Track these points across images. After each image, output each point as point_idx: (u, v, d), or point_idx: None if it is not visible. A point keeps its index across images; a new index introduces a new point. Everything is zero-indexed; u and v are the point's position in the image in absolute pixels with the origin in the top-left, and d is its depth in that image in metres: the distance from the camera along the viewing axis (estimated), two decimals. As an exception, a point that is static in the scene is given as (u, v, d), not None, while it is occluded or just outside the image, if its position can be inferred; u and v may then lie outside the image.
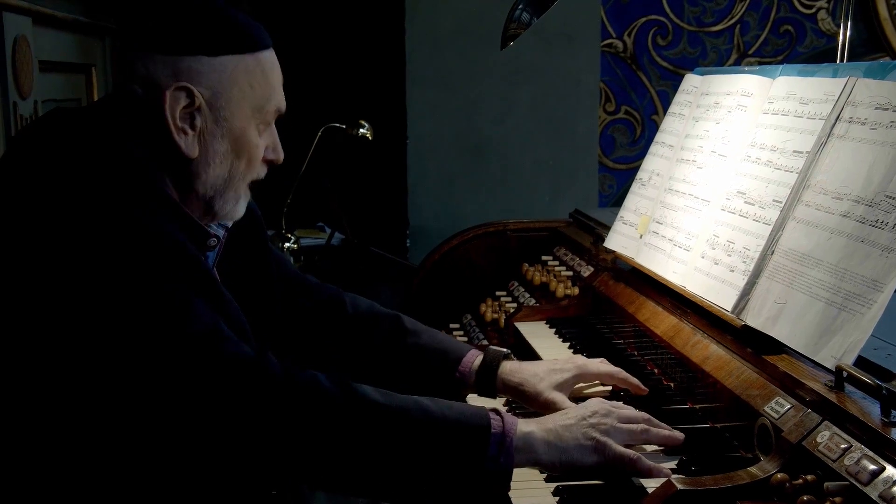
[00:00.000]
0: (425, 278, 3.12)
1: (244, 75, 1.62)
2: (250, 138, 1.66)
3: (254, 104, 1.64)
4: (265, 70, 1.66)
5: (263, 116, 1.67)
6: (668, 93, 4.74)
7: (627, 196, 2.49)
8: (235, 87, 1.61)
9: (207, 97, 1.59)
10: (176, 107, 1.57)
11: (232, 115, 1.62)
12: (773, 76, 2.00)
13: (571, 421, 1.64)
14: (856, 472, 1.31)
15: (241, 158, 1.66)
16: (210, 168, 1.63)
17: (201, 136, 1.61)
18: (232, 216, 1.72)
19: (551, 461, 1.61)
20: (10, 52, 2.42)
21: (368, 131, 3.69)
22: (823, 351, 1.54)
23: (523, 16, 2.61)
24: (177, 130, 1.58)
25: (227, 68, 1.60)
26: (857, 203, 1.59)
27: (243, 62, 1.62)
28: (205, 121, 1.60)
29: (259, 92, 1.65)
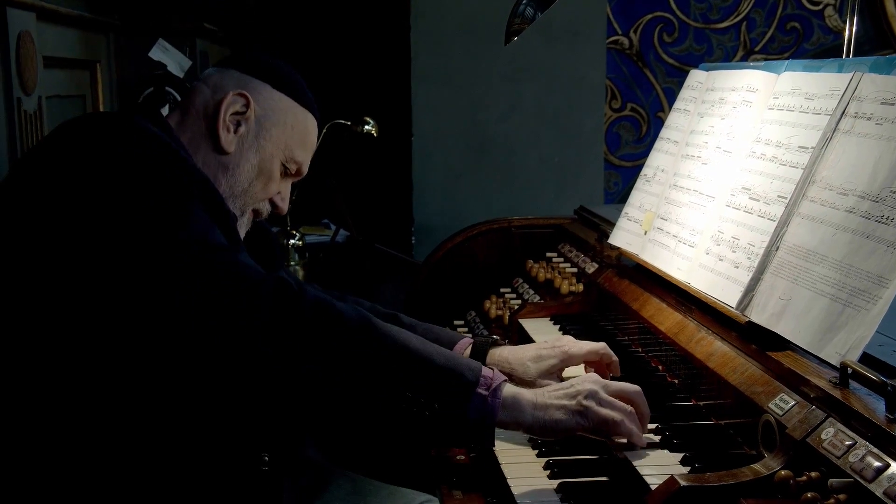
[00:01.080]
0: (430, 275, 3.12)
1: (291, 117, 1.90)
2: (273, 169, 1.89)
3: (288, 144, 1.90)
4: (307, 127, 1.94)
5: (289, 160, 1.91)
6: (674, 90, 4.72)
7: (632, 192, 2.48)
8: (282, 120, 1.88)
9: (258, 114, 1.86)
10: (231, 107, 1.84)
11: (269, 139, 1.87)
12: (778, 72, 1.99)
13: (562, 388, 1.71)
14: (860, 469, 1.30)
15: (259, 180, 1.88)
16: (237, 170, 1.85)
17: (241, 140, 1.85)
18: None
19: (536, 421, 1.66)
20: (14, 48, 2.42)
21: (373, 128, 3.68)
22: (828, 347, 1.53)
23: (527, 11, 2.60)
24: (223, 125, 1.83)
25: (282, 104, 1.89)
26: (863, 199, 1.58)
27: (294, 108, 1.91)
28: (248, 130, 1.86)
29: (296, 138, 1.91)
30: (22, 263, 1.58)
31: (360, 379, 1.56)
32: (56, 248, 1.55)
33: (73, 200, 1.55)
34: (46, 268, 1.56)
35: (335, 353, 1.56)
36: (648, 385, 1.98)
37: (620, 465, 1.69)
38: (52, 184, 1.59)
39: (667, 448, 1.70)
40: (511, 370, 1.98)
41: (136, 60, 3.46)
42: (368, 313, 1.65)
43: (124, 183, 1.56)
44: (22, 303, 1.59)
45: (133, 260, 1.52)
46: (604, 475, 1.74)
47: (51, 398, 1.58)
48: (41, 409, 1.59)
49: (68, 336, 1.57)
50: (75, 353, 1.57)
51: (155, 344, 1.54)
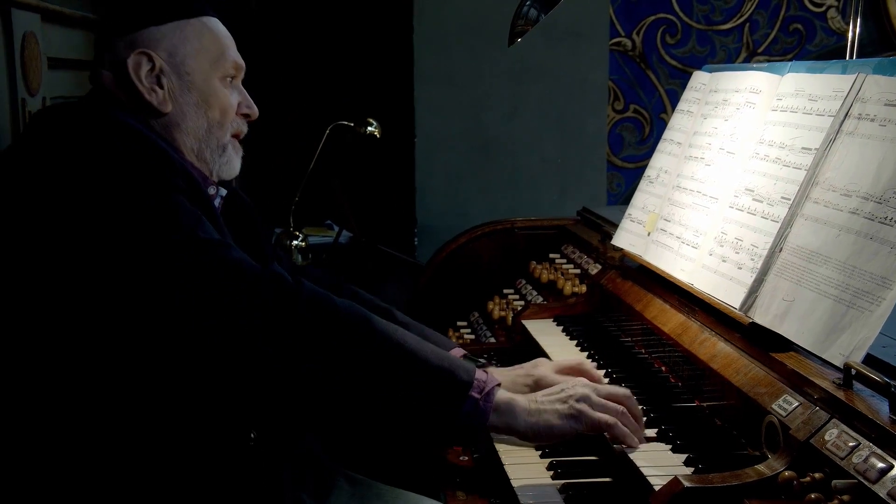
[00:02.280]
0: (433, 276, 3.12)
1: (193, 34, 1.85)
2: (216, 89, 1.86)
3: (210, 58, 1.86)
4: (212, 30, 1.88)
5: (224, 70, 1.87)
6: (677, 91, 4.72)
7: (635, 193, 2.48)
8: (188, 45, 1.84)
9: (165, 58, 1.82)
10: (139, 70, 1.80)
11: (192, 70, 1.84)
12: (781, 73, 1.99)
13: (553, 393, 1.72)
14: (864, 470, 1.30)
15: (213, 108, 1.86)
16: (186, 118, 1.84)
17: (170, 92, 1.82)
18: (223, 169, 1.89)
19: (528, 425, 1.67)
20: (19, 49, 2.43)
21: (376, 129, 3.68)
22: (832, 349, 1.53)
23: (531, 12, 2.60)
24: (147, 91, 1.80)
25: (177, 31, 1.84)
26: (866, 200, 1.58)
27: (190, 24, 1.85)
28: (170, 78, 1.82)
29: (211, 48, 1.86)
30: (11, 267, 1.60)
31: (358, 377, 1.58)
32: (50, 253, 1.57)
33: (63, 205, 1.57)
34: (40, 271, 1.58)
35: (333, 351, 1.57)
36: (651, 386, 1.99)
37: (624, 466, 1.69)
38: (38, 187, 1.59)
39: (670, 449, 1.70)
40: None
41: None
42: (364, 309, 1.66)
43: (113, 186, 1.57)
44: (16, 303, 1.61)
45: (129, 265, 1.54)
46: (607, 476, 1.75)
47: (50, 395, 1.61)
48: (41, 405, 1.61)
49: (67, 336, 1.59)
50: (74, 353, 1.59)
51: (153, 345, 1.56)
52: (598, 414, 1.69)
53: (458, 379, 1.63)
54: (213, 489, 1.67)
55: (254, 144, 2.15)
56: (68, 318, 1.58)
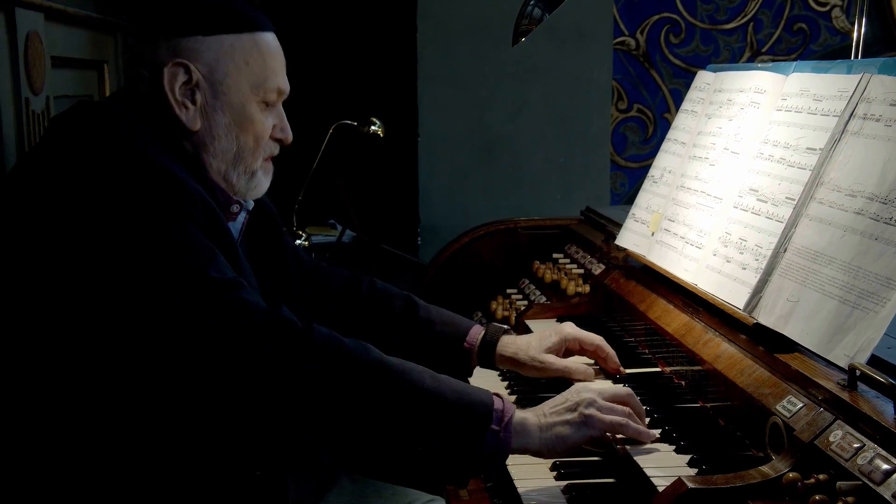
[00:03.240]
0: (436, 276, 3.12)
1: (240, 52, 1.73)
2: (252, 114, 1.75)
3: (251, 81, 1.74)
4: (261, 49, 1.76)
5: (264, 94, 1.76)
6: (681, 91, 4.71)
7: (639, 193, 2.48)
8: (231, 63, 1.72)
9: (205, 73, 1.71)
10: (174, 82, 1.69)
11: (230, 90, 1.73)
12: (786, 73, 1.99)
13: (559, 404, 1.70)
14: (869, 472, 1.30)
15: (245, 133, 1.75)
16: (215, 140, 1.73)
17: (202, 110, 1.72)
18: (251, 193, 1.82)
19: (544, 443, 1.67)
20: (23, 48, 2.42)
21: (380, 129, 3.68)
22: (836, 349, 1.53)
23: (535, 12, 2.60)
24: (178, 105, 1.70)
25: (223, 46, 1.72)
26: (871, 200, 1.58)
27: (238, 41, 1.73)
28: (204, 95, 1.71)
29: (256, 69, 1.75)
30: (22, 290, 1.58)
31: (373, 426, 1.56)
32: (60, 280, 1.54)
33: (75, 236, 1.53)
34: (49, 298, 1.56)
35: (345, 400, 1.54)
36: (655, 386, 1.99)
37: (627, 467, 1.68)
38: (50, 215, 1.55)
39: (674, 450, 1.69)
40: (516, 352, 2.05)
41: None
42: (376, 351, 1.61)
43: (124, 220, 1.52)
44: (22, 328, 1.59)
45: (135, 301, 1.51)
46: (611, 476, 1.75)
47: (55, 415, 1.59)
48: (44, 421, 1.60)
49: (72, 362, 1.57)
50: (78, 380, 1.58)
51: (157, 380, 1.55)
52: (609, 416, 1.69)
53: (477, 414, 1.61)
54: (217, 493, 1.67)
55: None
56: (73, 343, 1.56)
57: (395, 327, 2.11)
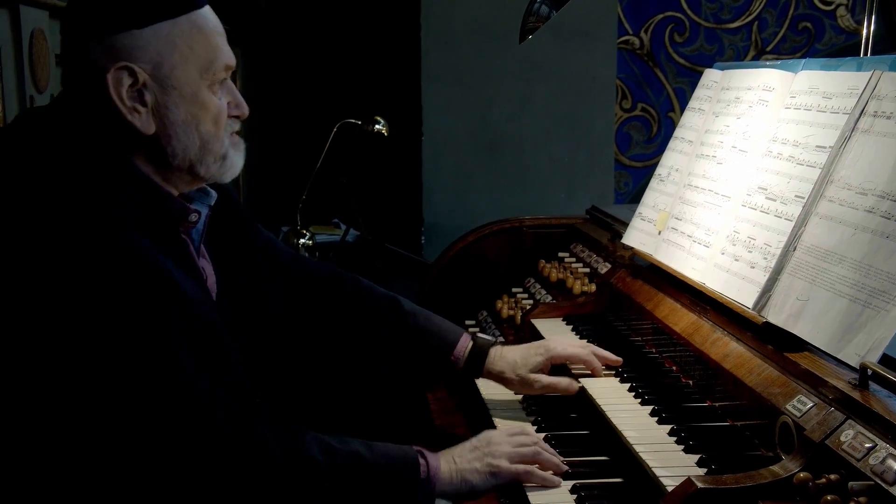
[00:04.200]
0: (440, 275, 3.10)
1: (181, 39, 1.59)
2: (206, 100, 1.63)
3: (199, 66, 1.61)
4: (202, 28, 1.62)
5: (213, 76, 1.64)
6: (685, 90, 4.71)
7: (646, 192, 2.46)
8: (175, 53, 1.58)
9: (150, 70, 1.57)
10: (120, 88, 1.55)
11: (179, 82, 1.59)
12: (795, 70, 1.98)
13: (469, 454, 1.77)
14: (881, 472, 1.29)
15: (204, 122, 1.64)
16: (174, 139, 1.61)
17: (154, 110, 1.59)
18: (227, 174, 1.71)
19: (453, 488, 1.73)
20: (27, 46, 2.42)
21: (384, 128, 3.67)
22: (847, 348, 1.52)
23: (542, 9, 2.59)
24: (128, 111, 1.57)
25: (161, 36, 1.57)
26: (882, 198, 1.56)
27: (177, 26, 1.59)
28: (154, 95, 1.58)
29: (201, 52, 1.61)
30: None
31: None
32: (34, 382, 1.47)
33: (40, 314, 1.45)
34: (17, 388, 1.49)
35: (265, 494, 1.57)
36: (663, 386, 1.98)
37: (635, 467, 1.67)
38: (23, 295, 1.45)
39: (682, 449, 1.68)
40: (503, 370, 2.09)
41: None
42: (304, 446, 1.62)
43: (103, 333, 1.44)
44: None
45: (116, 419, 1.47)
46: (618, 476, 1.74)
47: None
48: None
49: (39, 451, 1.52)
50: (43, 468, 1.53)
51: None
52: (516, 466, 1.75)
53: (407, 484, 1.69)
54: None
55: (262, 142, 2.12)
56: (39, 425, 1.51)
57: (378, 329, 2.10)
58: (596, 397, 1.97)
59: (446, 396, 2.32)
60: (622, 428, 1.79)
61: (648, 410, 1.86)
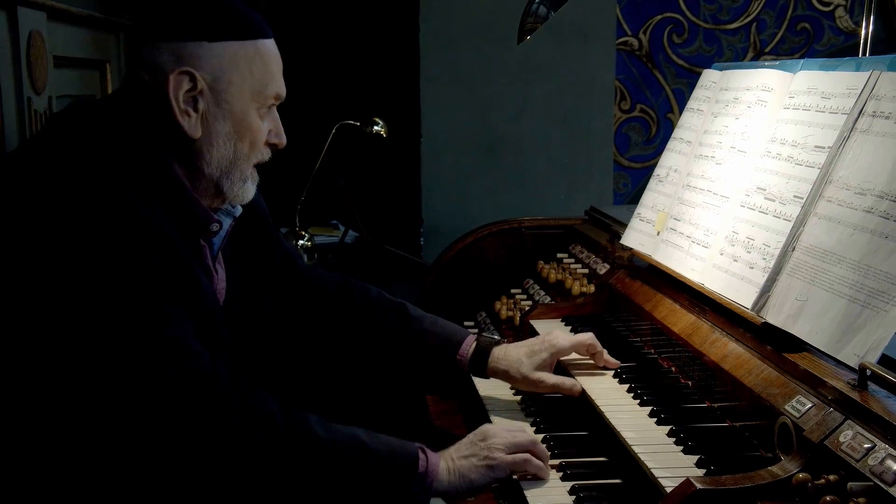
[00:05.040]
0: (440, 276, 3.10)
1: (244, 60, 1.72)
2: (251, 121, 1.75)
3: (253, 88, 1.73)
4: (264, 56, 1.75)
5: (264, 100, 1.76)
6: (684, 91, 4.71)
7: (644, 192, 2.46)
8: (236, 71, 1.71)
9: (209, 81, 1.69)
10: (179, 90, 1.67)
11: (233, 98, 1.72)
12: (793, 71, 1.98)
13: (466, 450, 1.78)
14: (880, 473, 1.28)
15: (243, 140, 1.75)
16: (213, 148, 1.72)
17: (204, 117, 1.70)
18: (241, 198, 1.81)
19: (451, 486, 1.73)
20: (25, 47, 2.41)
21: (383, 129, 3.67)
22: (846, 349, 1.51)
23: (540, 10, 2.59)
24: (180, 112, 1.68)
25: (228, 53, 1.70)
26: (881, 198, 1.56)
27: (243, 48, 1.72)
28: (207, 103, 1.70)
29: (258, 77, 1.74)
30: None
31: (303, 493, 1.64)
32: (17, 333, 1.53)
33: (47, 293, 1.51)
34: None
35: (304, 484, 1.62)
36: (662, 387, 1.97)
37: (634, 468, 1.67)
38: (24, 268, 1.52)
39: (682, 450, 1.68)
40: (507, 368, 2.09)
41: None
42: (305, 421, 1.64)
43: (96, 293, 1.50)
44: None
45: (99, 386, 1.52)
46: (617, 477, 1.73)
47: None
48: None
49: None
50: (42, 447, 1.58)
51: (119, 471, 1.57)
52: (512, 456, 1.75)
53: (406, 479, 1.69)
54: None
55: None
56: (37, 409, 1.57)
57: (386, 340, 2.15)
58: (595, 398, 1.97)
59: (445, 398, 2.32)
60: (621, 429, 1.79)
61: (647, 411, 1.86)
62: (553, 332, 2.16)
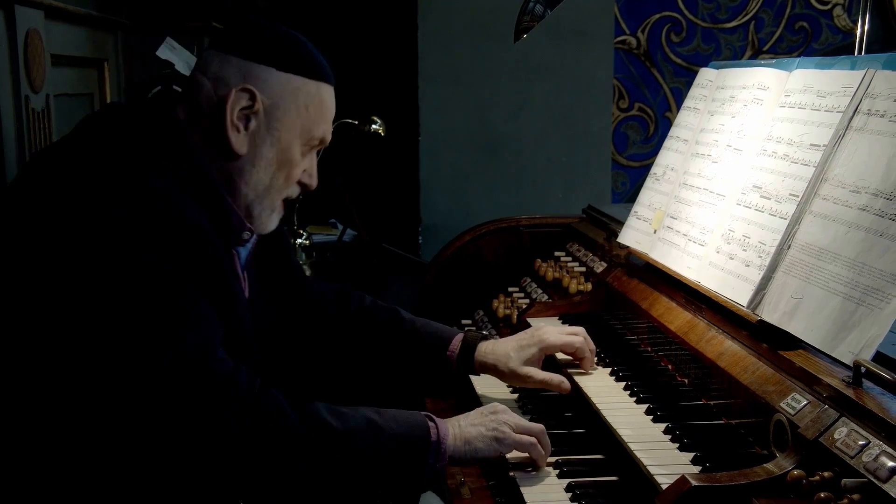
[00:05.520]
0: (437, 274, 3.11)
1: (303, 97, 1.78)
2: (293, 155, 1.80)
3: (304, 125, 1.79)
4: (322, 99, 1.82)
5: (309, 140, 1.81)
6: (682, 90, 4.71)
7: (641, 191, 2.47)
8: (293, 104, 1.76)
9: (267, 105, 1.74)
10: (237, 105, 1.72)
11: (283, 128, 1.76)
12: (789, 69, 1.98)
13: (475, 418, 1.79)
14: (874, 469, 1.29)
15: (282, 171, 1.79)
16: (254, 170, 1.76)
17: (252, 137, 1.75)
18: (265, 227, 1.85)
19: (459, 456, 1.74)
20: (23, 46, 2.41)
21: (381, 128, 3.67)
22: (841, 346, 1.52)
23: (537, 8, 2.59)
24: (231, 126, 1.72)
25: (291, 86, 1.76)
26: (876, 196, 1.57)
27: (306, 86, 1.78)
28: (258, 125, 1.75)
29: (312, 116, 1.80)
30: None
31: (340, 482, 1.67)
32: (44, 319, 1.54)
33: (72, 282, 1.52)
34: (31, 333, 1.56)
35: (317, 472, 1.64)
36: (658, 384, 1.98)
37: (630, 465, 1.68)
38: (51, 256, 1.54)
39: (677, 447, 1.68)
40: (495, 363, 2.12)
41: (143, 59, 3.46)
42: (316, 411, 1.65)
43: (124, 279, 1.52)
44: None
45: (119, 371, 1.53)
46: (614, 475, 1.74)
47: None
48: None
49: None
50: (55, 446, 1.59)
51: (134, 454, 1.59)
52: (519, 435, 1.76)
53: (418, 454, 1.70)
54: None
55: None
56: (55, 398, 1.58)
57: (381, 342, 2.19)
58: (591, 396, 1.97)
59: (444, 399, 2.32)
60: (617, 426, 1.79)
61: (643, 409, 1.87)
62: (543, 327, 2.18)
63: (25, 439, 1.60)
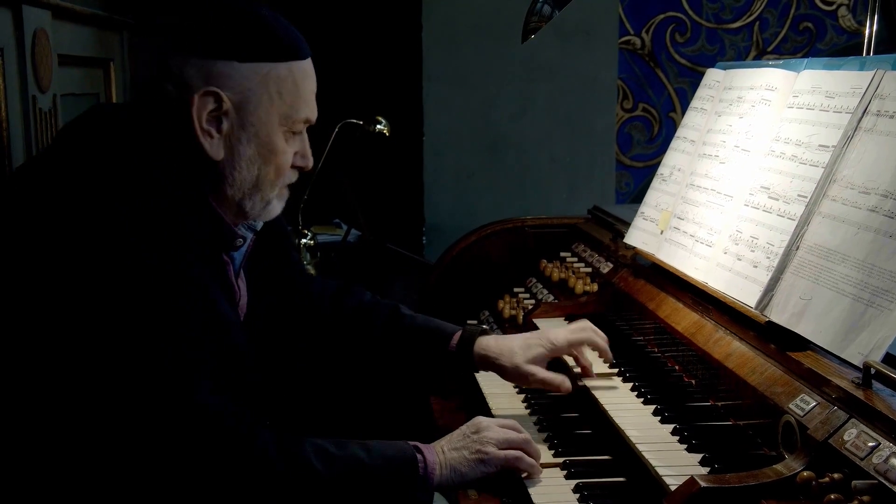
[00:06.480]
0: (442, 275, 3.10)
1: (274, 83, 1.65)
2: (277, 145, 1.69)
3: (281, 112, 1.68)
4: (296, 79, 1.69)
5: (292, 124, 1.71)
6: (686, 90, 4.71)
7: (648, 191, 2.47)
8: (264, 93, 1.65)
9: (235, 102, 1.63)
10: (203, 110, 1.61)
11: (259, 121, 1.66)
12: (797, 70, 1.98)
13: (458, 441, 1.75)
14: (884, 471, 1.29)
15: (268, 164, 1.70)
16: (236, 171, 1.67)
17: (227, 139, 1.65)
18: (264, 216, 1.78)
19: (445, 482, 1.71)
20: (30, 46, 2.42)
21: (385, 128, 3.67)
22: (850, 348, 1.52)
23: (545, 8, 2.59)
24: (202, 133, 1.62)
25: (258, 75, 1.64)
26: (886, 197, 1.56)
27: (274, 70, 1.65)
28: (231, 125, 1.64)
29: (288, 100, 1.68)
30: None
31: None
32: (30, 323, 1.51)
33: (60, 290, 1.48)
34: None
35: None
36: (665, 385, 1.98)
37: (638, 466, 1.67)
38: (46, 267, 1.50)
39: (685, 448, 1.68)
40: (498, 356, 2.05)
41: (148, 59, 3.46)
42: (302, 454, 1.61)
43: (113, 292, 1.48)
44: None
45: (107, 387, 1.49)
46: (621, 476, 1.74)
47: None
48: None
49: None
50: None
51: None
52: (504, 452, 1.73)
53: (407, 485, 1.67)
54: None
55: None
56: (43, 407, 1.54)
57: (383, 337, 2.15)
58: (598, 397, 1.97)
59: (449, 397, 2.32)
60: (625, 427, 1.79)
61: (651, 410, 1.87)
62: (552, 329, 2.14)
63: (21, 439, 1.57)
